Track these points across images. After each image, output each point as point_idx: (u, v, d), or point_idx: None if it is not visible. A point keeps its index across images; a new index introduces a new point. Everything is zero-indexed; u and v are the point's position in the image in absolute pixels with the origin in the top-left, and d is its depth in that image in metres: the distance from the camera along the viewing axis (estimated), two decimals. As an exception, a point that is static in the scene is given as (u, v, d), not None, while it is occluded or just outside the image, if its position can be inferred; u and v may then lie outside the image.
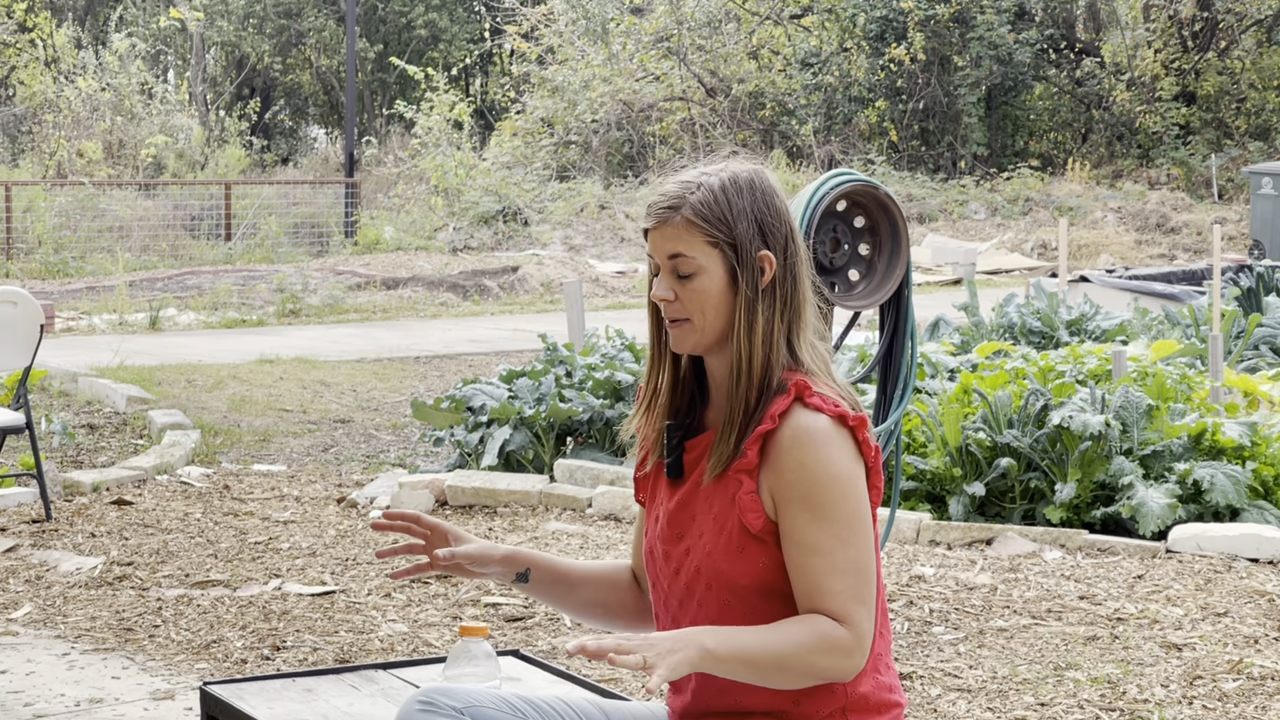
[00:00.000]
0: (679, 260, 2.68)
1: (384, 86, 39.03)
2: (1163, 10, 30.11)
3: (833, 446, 2.63)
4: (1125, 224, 24.88)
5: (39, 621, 6.07)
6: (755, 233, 2.69)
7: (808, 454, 2.62)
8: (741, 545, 2.67)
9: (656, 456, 2.82)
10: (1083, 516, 7.16)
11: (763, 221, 2.70)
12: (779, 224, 2.71)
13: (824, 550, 2.61)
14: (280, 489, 8.47)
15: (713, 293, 2.68)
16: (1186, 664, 5.36)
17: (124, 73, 27.85)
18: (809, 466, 2.62)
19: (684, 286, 2.69)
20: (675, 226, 2.68)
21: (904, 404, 5.87)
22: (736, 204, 2.68)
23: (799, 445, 2.63)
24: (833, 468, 2.62)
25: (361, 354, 13.87)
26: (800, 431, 2.63)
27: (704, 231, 2.67)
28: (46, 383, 11.45)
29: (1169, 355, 8.94)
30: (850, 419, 2.65)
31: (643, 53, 29.93)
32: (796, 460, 2.63)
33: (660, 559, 2.78)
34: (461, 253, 22.93)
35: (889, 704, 2.73)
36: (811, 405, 2.65)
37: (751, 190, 2.71)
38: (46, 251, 21.19)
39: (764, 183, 2.72)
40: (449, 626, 5.86)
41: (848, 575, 2.62)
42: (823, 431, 2.63)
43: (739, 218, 2.68)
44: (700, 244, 2.68)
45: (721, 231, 2.67)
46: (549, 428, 8.30)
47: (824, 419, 2.64)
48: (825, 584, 2.61)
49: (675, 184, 2.72)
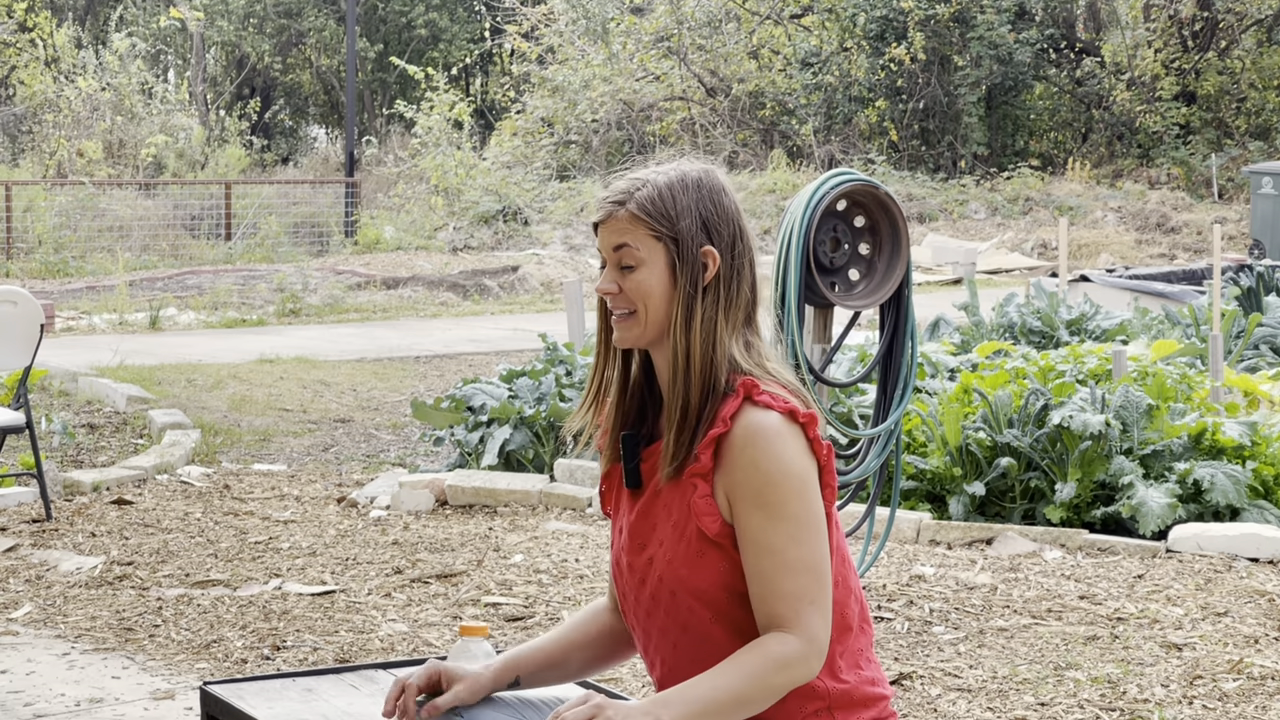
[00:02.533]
0: (623, 252, 2.72)
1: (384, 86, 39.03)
2: (1163, 10, 30.11)
3: (784, 443, 2.64)
4: (1125, 224, 24.88)
5: (39, 621, 6.07)
6: (699, 229, 2.72)
7: (760, 451, 2.63)
8: (701, 550, 2.67)
9: (611, 461, 2.83)
10: (1083, 516, 7.16)
11: (708, 219, 2.73)
12: (725, 222, 2.74)
13: (776, 549, 2.62)
14: (280, 489, 8.47)
15: (653, 285, 2.71)
16: (1186, 664, 5.35)
17: (124, 72, 27.85)
18: (760, 464, 2.63)
19: (626, 279, 2.72)
20: (620, 220, 2.73)
21: (904, 404, 5.87)
22: (681, 200, 2.72)
23: (750, 443, 2.63)
24: (785, 465, 2.63)
25: (361, 354, 13.86)
26: (751, 429, 2.64)
27: (647, 225, 2.71)
28: (47, 382, 11.45)
29: (1169, 355, 8.93)
30: (800, 415, 2.66)
31: (643, 52, 29.93)
32: (749, 459, 2.63)
33: (625, 571, 2.78)
34: (461, 252, 22.93)
35: (874, 697, 2.73)
36: (760, 403, 2.65)
37: (699, 188, 2.74)
38: (46, 251, 21.19)
39: (712, 181, 2.76)
40: (449, 626, 5.86)
41: (799, 575, 2.62)
42: (773, 428, 2.64)
43: (683, 214, 2.71)
44: (644, 237, 2.71)
45: (664, 226, 2.71)
46: (549, 427, 8.30)
47: (774, 416, 2.65)
48: (775, 586, 2.62)
49: (625, 180, 2.77)
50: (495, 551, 6.92)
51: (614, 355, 2.81)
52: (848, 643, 2.73)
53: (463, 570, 6.59)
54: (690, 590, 2.68)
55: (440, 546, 7.03)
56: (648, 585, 2.73)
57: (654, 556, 2.72)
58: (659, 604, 2.71)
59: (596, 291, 2.76)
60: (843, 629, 2.72)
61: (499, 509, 7.76)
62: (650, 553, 2.73)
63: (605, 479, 2.86)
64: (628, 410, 2.81)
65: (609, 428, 2.81)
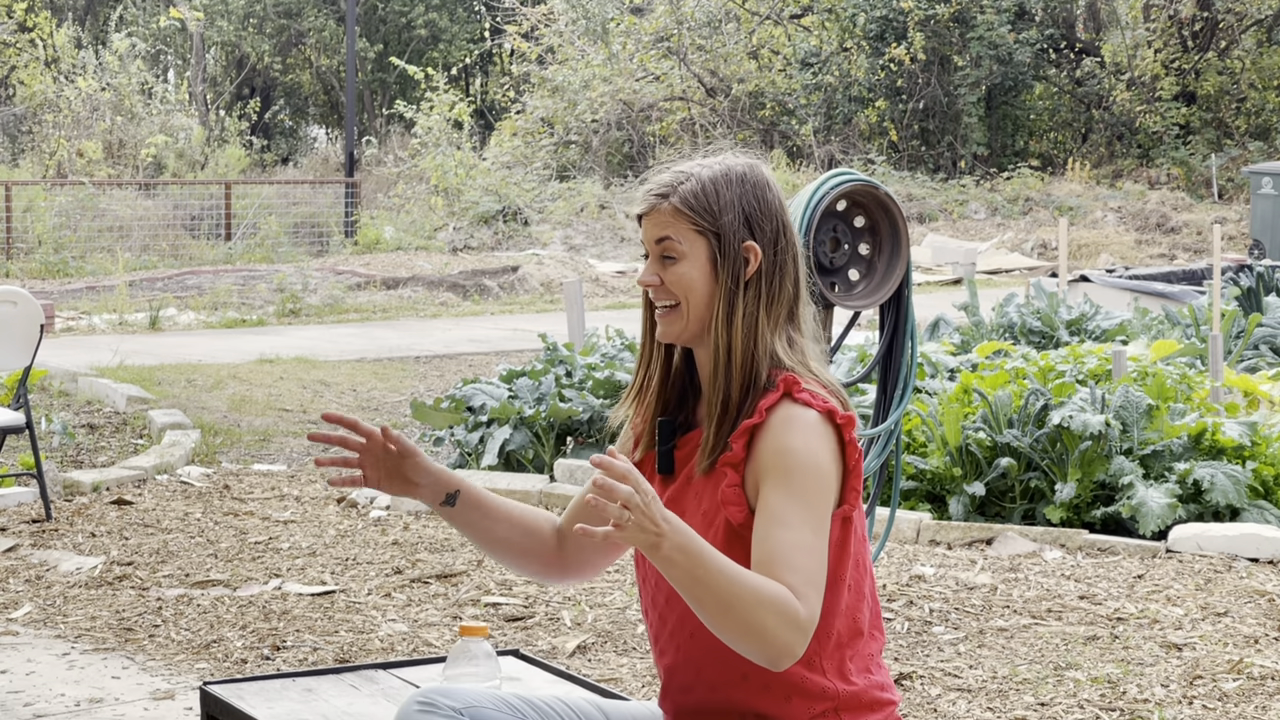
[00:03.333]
0: (665, 244, 2.72)
1: (384, 86, 39.03)
2: (1163, 10, 30.11)
3: (816, 437, 2.63)
4: (1125, 224, 24.88)
5: (39, 621, 6.07)
6: (741, 224, 2.71)
7: (792, 438, 2.63)
8: (728, 541, 2.66)
9: (646, 449, 2.82)
10: (1083, 516, 7.16)
11: (750, 214, 2.72)
12: (768, 218, 2.73)
13: (793, 526, 2.60)
14: (280, 489, 8.47)
15: (695, 279, 2.71)
16: (1186, 664, 5.35)
17: (124, 73, 27.85)
18: (789, 448, 2.62)
19: (668, 271, 2.73)
20: (664, 213, 2.73)
21: (904, 404, 5.87)
22: (725, 195, 2.72)
23: (784, 430, 2.63)
24: (812, 456, 2.62)
25: (361, 354, 13.86)
26: (786, 419, 2.64)
27: (690, 219, 2.71)
28: (46, 382, 11.45)
29: (1169, 355, 8.93)
30: (839, 416, 2.65)
31: (643, 53, 29.93)
32: (780, 443, 2.63)
33: None
34: (461, 252, 22.92)
35: (882, 702, 2.73)
36: (800, 400, 2.65)
37: (742, 183, 2.74)
38: (46, 251, 21.18)
39: (756, 176, 2.75)
40: (449, 626, 5.86)
41: (809, 557, 2.59)
42: (809, 422, 2.64)
43: (726, 208, 2.71)
44: (686, 231, 2.71)
45: (707, 220, 2.71)
46: (549, 427, 8.30)
47: (812, 413, 2.65)
48: (788, 558, 2.57)
49: (670, 173, 2.77)
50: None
51: (658, 351, 2.81)
52: (858, 647, 2.73)
53: (463, 570, 6.59)
54: None
55: (440, 546, 7.04)
56: None
57: None
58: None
59: (639, 284, 2.77)
60: (854, 634, 2.72)
61: (499, 509, 7.76)
62: None
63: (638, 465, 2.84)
64: (668, 399, 2.81)
65: (647, 415, 2.81)
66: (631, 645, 5.58)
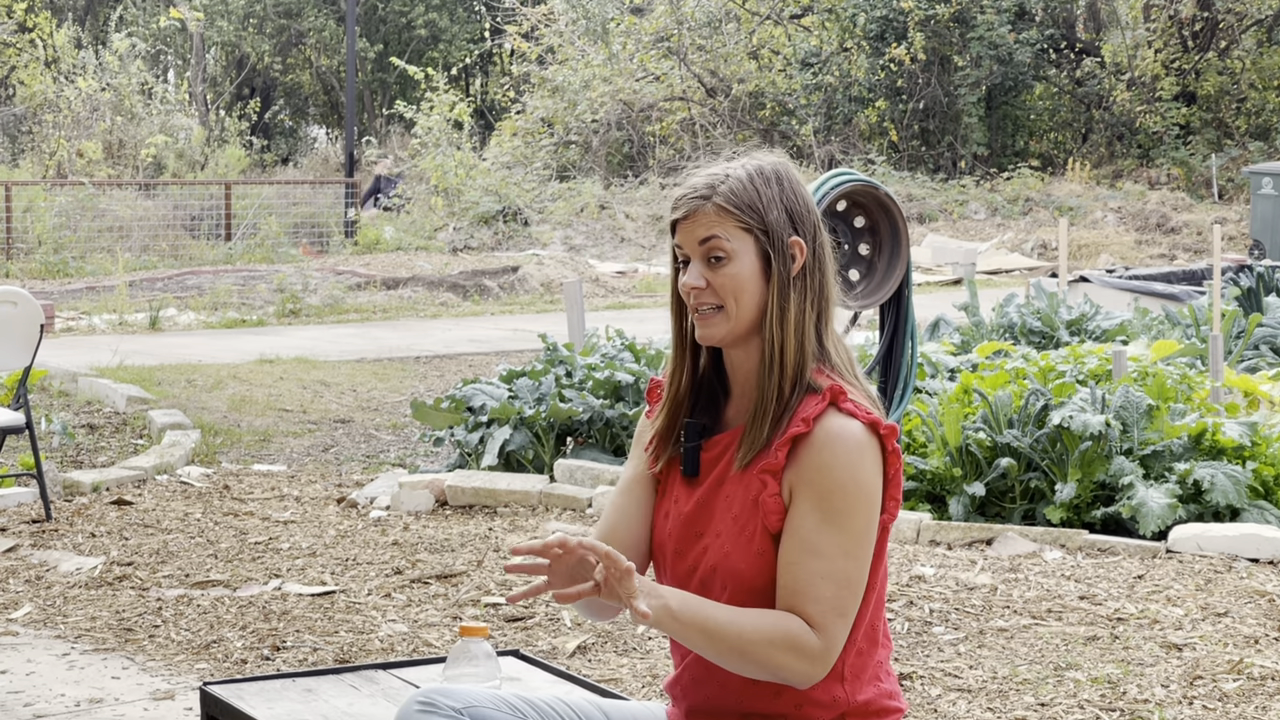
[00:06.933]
0: (712, 244, 2.68)
1: (384, 86, 39.04)
2: (1163, 10, 30.11)
3: (862, 455, 2.63)
4: (1125, 224, 24.87)
5: (39, 621, 6.07)
6: (785, 220, 2.70)
7: (836, 457, 2.62)
8: (762, 549, 2.66)
9: (670, 451, 2.80)
10: (1083, 516, 7.16)
11: (792, 210, 2.71)
12: (807, 213, 2.73)
13: (824, 555, 2.61)
14: (280, 489, 8.47)
15: (746, 278, 2.68)
16: (1187, 664, 5.35)
17: (124, 73, 27.85)
18: (834, 470, 2.62)
19: (716, 273, 2.69)
20: (707, 214, 2.69)
21: (904, 404, 5.87)
22: (765, 192, 2.70)
23: (829, 447, 2.63)
24: (856, 475, 2.62)
25: (361, 354, 13.86)
26: (832, 434, 2.63)
27: (736, 218, 2.68)
28: (46, 383, 11.45)
29: (1169, 355, 8.93)
30: (882, 427, 2.66)
31: (643, 53, 29.93)
32: (824, 461, 2.63)
33: (671, 555, 2.76)
34: (461, 253, 22.93)
35: (889, 710, 2.74)
36: (845, 410, 2.65)
37: (779, 179, 2.72)
38: (46, 251, 21.18)
39: (789, 172, 2.75)
40: (449, 626, 5.86)
41: (839, 586, 2.61)
42: (855, 438, 2.64)
43: (770, 205, 2.69)
44: (733, 229, 2.68)
45: (753, 218, 2.68)
46: (549, 428, 8.30)
47: (857, 425, 2.65)
48: (812, 588, 2.60)
49: (702, 176, 2.73)
50: (495, 552, 6.92)
51: (690, 357, 2.77)
52: (874, 655, 2.74)
53: (462, 571, 6.59)
54: (744, 585, 2.67)
55: (440, 547, 7.03)
56: (698, 574, 2.72)
57: (709, 546, 2.71)
58: (708, 593, 2.70)
59: (682, 289, 2.70)
60: (872, 642, 2.73)
61: (499, 509, 7.76)
62: (706, 543, 2.71)
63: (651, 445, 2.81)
64: (695, 401, 2.79)
65: (671, 419, 2.79)
66: (632, 645, 5.58)
